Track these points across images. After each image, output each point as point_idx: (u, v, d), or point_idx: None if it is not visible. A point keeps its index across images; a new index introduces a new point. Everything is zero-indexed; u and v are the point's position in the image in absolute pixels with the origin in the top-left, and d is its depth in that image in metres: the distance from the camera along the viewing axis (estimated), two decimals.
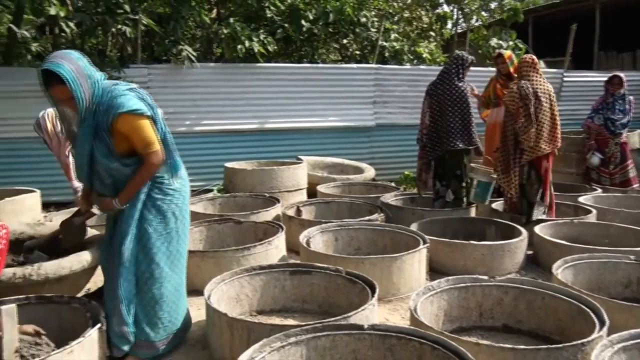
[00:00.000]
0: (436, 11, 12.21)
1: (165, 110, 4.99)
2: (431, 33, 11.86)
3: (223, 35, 7.77)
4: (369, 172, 7.40)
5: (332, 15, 8.80)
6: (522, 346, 2.50)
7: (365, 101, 8.44)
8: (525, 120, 4.76)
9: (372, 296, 2.91)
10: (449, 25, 12.20)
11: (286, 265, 3.51)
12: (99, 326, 2.49)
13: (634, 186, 6.63)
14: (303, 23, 8.69)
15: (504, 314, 3.17)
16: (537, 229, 4.51)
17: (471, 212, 5.34)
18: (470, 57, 5.34)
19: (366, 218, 4.81)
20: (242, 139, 7.77)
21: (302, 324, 2.49)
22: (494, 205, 5.32)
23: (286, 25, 8.66)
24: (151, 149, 2.66)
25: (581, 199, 5.59)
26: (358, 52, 9.92)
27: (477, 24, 11.97)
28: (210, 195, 6.03)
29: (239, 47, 7.63)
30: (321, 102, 8.14)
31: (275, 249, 4.06)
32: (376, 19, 9.83)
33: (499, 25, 11.70)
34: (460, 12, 11.52)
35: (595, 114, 6.81)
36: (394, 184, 7.60)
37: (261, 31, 8.21)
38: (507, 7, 11.14)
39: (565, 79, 9.58)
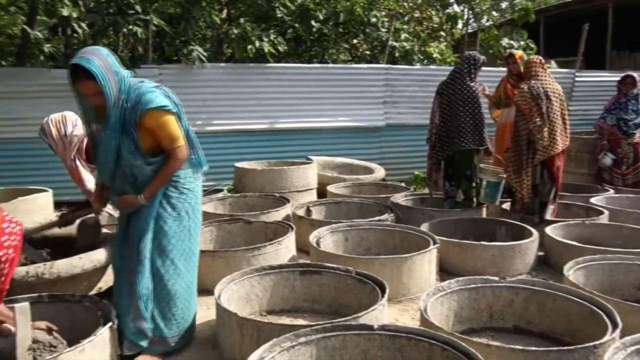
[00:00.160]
0: (447, 11, 12.16)
1: None
2: (441, 33, 11.83)
3: (233, 35, 7.79)
4: (379, 172, 7.39)
5: (342, 15, 8.79)
6: (533, 348, 2.48)
7: (376, 101, 8.42)
8: (539, 120, 4.75)
9: (382, 296, 2.91)
10: (460, 25, 12.15)
11: (296, 265, 3.51)
12: (110, 325, 2.50)
13: None
14: (313, 23, 8.69)
15: (515, 316, 3.15)
16: (548, 230, 4.48)
17: (482, 213, 5.32)
18: (482, 57, 5.32)
19: (376, 218, 4.81)
20: (252, 139, 7.78)
21: (312, 324, 2.49)
22: (504, 206, 5.29)
23: (296, 26, 8.67)
24: (177, 144, 2.76)
25: (593, 200, 5.54)
26: (368, 52, 9.91)
27: (487, 23, 11.92)
28: (220, 195, 6.05)
29: (249, 47, 7.65)
30: (331, 102, 8.14)
31: (285, 249, 4.07)
32: (386, 19, 9.81)
33: (510, 25, 11.65)
34: (470, 11, 11.47)
35: (607, 114, 6.76)
36: (404, 184, 7.57)
37: (271, 31, 8.22)
38: (518, 6, 11.08)
39: (577, 79, 9.50)
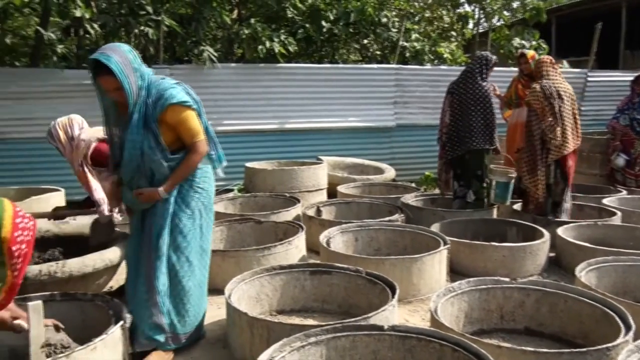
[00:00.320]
0: (457, 11, 12.11)
1: None
2: (452, 33, 11.78)
3: (244, 35, 7.81)
4: (390, 172, 7.38)
5: (353, 15, 8.80)
6: (544, 349, 2.47)
7: (386, 101, 8.41)
8: (552, 119, 4.73)
9: (392, 297, 2.91)
10: (471, 25, 12.10)
11: (306, 265, 3.51)
12: (121, 323, 2.52)
13: None
14: (323, 23, 8.71)
15: (526, 317, 3.13)
16: (560, 231, 4.45)
17: (492, 213, 5.29)
18: (494, 57, 5.29)
19: (386, 219, 4.80)
20: (263, 139, 7.80)
21: (322, 324, 2.49)
22: (515, 206, 5.26)
23: (307, 26, 8.68)
24: (198, 138, 2.81)
25: (605, 201, 5.49)
26: (379, 53, 9.90)
27: (498, 23, 11.85)
28: (230, 195, 6.07)
29: (259, 47, 7.67)
30: (342, 102, 8.14)
31: (296, 248, 4.07)
32: (397, 19, 9.80)
33: (521, 24, 11.57)
34: (481, 11, 11.41)
35: (620, 114, 6.70)
36: (414, 184, 7.56)
37: (282, 31, 8.24)
38: (530, 6, 11.00)
39: (590, 78, 9.41)
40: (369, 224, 4.52)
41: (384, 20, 9.45)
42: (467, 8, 12.15)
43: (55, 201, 5.41)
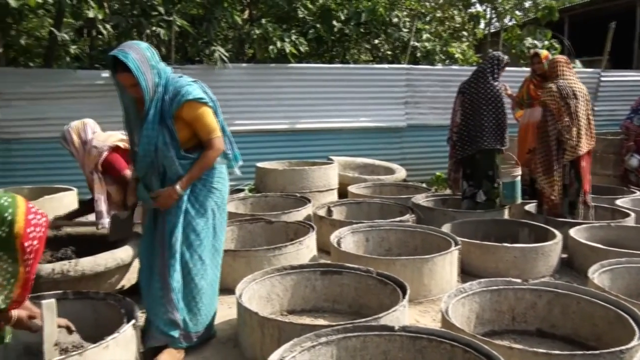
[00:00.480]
0: (469, 11, 12.05)
1: None
2: (464, 33, 11.72)
3: (255, 36, 7.83)
4: (400, 172, 7.36)
5: (364, 15, 8.79)
6: (556, 351, 2.45)
7: (397, 102, 8.39)
8: (568, 120, 4.71)
9: (403, 297, 2.90)
10: (482, 25, 12.03)
11: (317, 265, 3.52)
12: (133, 322, 2.54)
13: None
14: (334, 23, 8.71)
15: (538, 318, 3.11)
16: (572, 232, 4.41)
17: (504, 214, 5.26)
18: (506, 57, 5.26)
19: (397, 219, 4.79)
20: (274, 139, 7.81)
21: (333, 324, 2.49)
22: (527, 207, 5.23)
23: (318, 26, 8.68)
24: (215, 134, 2.84)
25: (619, 202, 5.45)
26: (390, 53, 9.88)
27: (510, 23, 11.77)
28: (241, 194, 6.09)
29: (270, 47, 7.68)
30: (352, 102, 8.13)
31: (306, 248, 4.08)
32: (408, 19, 9.77)
33: (533, 24, 11.49)
34: (493, 11, 11.35)
35: (634, 115, 6.64)
36: (425, 185, 7.53)
37: (293, 32, 8.25)
38: (542, 5, 10.92)
39: (603, 78, 9.32)
40: (379, 224, 4.52)
41: (395, 20, 9.43)
42: (478, 8, 12.09)
43: (68, 200, 5.46)
